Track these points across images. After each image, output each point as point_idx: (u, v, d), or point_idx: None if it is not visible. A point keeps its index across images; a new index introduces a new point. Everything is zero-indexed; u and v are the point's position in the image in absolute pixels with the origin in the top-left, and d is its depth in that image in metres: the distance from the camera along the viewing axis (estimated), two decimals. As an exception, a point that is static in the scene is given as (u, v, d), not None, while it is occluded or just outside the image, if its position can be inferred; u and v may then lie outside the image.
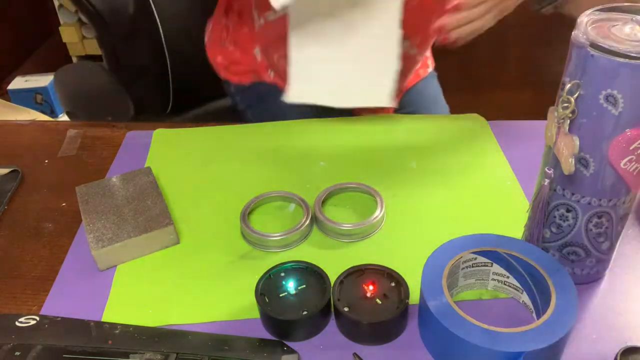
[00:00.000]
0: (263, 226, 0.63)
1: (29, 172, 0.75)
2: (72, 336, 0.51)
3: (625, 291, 0.56)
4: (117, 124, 0.84)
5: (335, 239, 0.62)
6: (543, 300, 0.50)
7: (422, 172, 0.71)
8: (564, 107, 0.46)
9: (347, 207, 0.67)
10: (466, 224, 0.64)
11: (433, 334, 0.49)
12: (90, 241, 0.59)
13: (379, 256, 0.60)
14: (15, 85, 1.96)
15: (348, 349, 0.51)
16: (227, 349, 0.50)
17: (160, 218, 0.62)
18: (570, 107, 0.46)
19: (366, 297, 0.52)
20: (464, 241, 0.54)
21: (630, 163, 0.46)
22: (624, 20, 0.45)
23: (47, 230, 0.66)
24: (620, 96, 0.43)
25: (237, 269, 0.59)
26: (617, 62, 0.42)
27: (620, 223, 0.52)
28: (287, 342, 0.51)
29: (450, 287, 0.53)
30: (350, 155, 0.75)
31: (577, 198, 0.50)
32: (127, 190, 0.66)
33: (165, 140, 0.79)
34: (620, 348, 0.49)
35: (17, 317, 0.53)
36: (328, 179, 0.70)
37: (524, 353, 0.44)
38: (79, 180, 0.69)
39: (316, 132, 0.79)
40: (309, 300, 0.52)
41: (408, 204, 0.67)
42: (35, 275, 0.60)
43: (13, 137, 0.83)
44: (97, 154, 0.78)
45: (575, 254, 0.54)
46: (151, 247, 0.61)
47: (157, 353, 0.49)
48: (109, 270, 0.60)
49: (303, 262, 0.56)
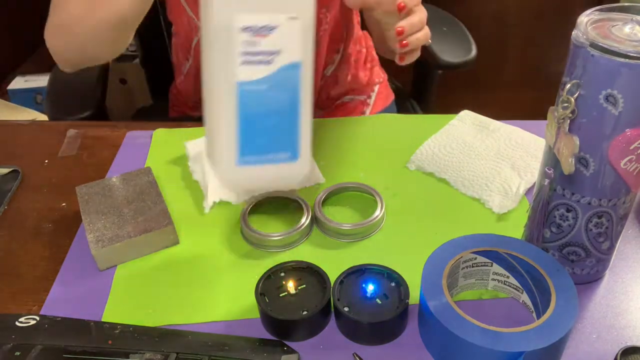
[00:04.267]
0: (263, 226, 0.63)
1: (29, 172, 0.75)
2: (72, 336, 0.51)
3: (625, 291, 0.56)
4: (117, 124, 0.84)
5: (335, 239, 0.62)
6: (543, 300, 0.50)
7: (422, 172, 0.71)
8: (564, 107, 0.46)
9: (347, 207, 0.67)
10: (466, 224, 0.64)
11: (433, 334, 0.49)
12: (90, 241, 0.59)
13: (379, 256, 0.60)
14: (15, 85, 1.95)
15: (348, 349, 0.51)
16: (227, 349, 0.50)
17: (160, 218, 0.62)
18: (570, 107, 0.46)
19: (366, 297, 0.52)
20: (464, 241, 0.54)
21: (630, 163, 0.46)
22: (624, 20, 0.45)
23: (47, 230, 0.66)
24: (620, 96, 0.43)
25: (237, 269, 0.59)
26: (617, 62, 0.42)
27: (620, 223, 0.52)
28: (287, 342, 0.51)
29: (450, 287, 0.53)
30: (350, 155, 0.75)
31: (577, 198, 0.50)
32: (127, 190, 0.66)
33: (165, 140, 0.79)
34: (620, 348, 0.49)
35: (17, 317, 0.53)
36: (328, 179, 0.70)
37: (524, 353, 0.44)
38: (79, 180, 0.69)
39: (316, 132, 0.79)
40: (309, 300, 0.52)
41: (408, 204, 0.67)
42: (35, 275, 0.60)
43: (13, 137, 0.83)
44: (97, 154, 0.78)
45: (575, 254, 0.54)
46: (151, 247, 0.61)
47: (157, 353, 0.49)
48: (109, 270, 0.60)
49: (303, 262, 0.56)
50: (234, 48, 0.45)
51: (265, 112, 0.48)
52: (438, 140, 0.75)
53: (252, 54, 0.45)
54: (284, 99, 0.48)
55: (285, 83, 0.47)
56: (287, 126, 0.49)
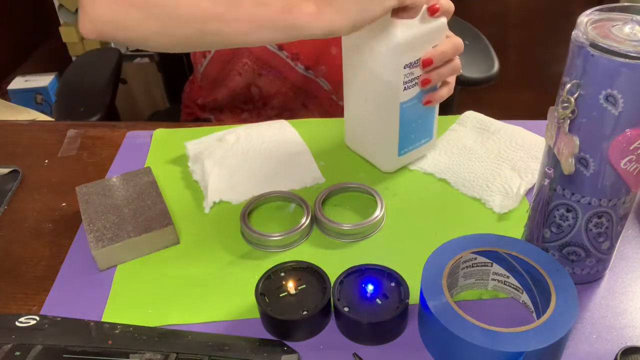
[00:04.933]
0: (263, 226, 0.63)
1: (29, 172, 0.75)
2: (72, 336, 0.51)
3: (625, 291, 0.56)
4: (117, 124, 0.84)
5: (335, 239, 0.62)
6: (543, 300, 0.50)
7: (422, 172, 0.71)
8: (564, 107, 0.46)
9: (347, 207, 0.67)
10: (466, 224, 0.64)
11: (433, 334, 0.49)
12: (90, 241, 0.59)
13: (379, 256, 0.60)
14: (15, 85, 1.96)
15: (348, 349, 0.51)
16: (227, 349, 0.50)
17: (160, 218, 0.62)
18: (570, 107, 0.46)
19: (366, 297, 0.52)
20: (464, 241, 0.54)
21: (630, 163, 0.46)
22: (624, 20, 0.45)
23: (47, 230, 0.66)
24: (620, 96, 0.43)
25: (237, 269, 0.59)
26: (617, 62, 0.42)
27: (620, 223, 0.52)
28: (287, 342, 0.51)
29: (450, 287, 0.53)
30: (351, 155, 0.75)
31: (577, 198, 0.50)
32: (127, 190, 0.66)
33: (165, 140, 0.79)
34: (620, 348, 0.49)
35: (17, 317, 0.53)
36: (328, 179, 0.70)
37: (524, 353, 0.44)
38: (79, 180, 0.69)
39: (316, 132, 0.79)
40: (309, 300, 0.52)
41: (408, 204, 0.67)
42: (35, 275, 0.60)
43: (13, 137, 0.83)
44: (97, 154, 0.78)
45: (575, 254, 0.54)
46: (151, 247, 0.61)
47: (157, 353, 0.49)
48: (109, 270, 0.60)
49: (303, 262, 0.56)
50: (399, 80, 0.61)
51: (414, 117, 0.66)
52: (438, 145, 0.75)
53: (409, 82, 0.62)
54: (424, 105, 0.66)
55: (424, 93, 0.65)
56: (427, 122, 0.69)
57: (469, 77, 1.04)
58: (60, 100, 1.03)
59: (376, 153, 0.71)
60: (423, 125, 0.69)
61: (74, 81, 1.09)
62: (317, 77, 0.87)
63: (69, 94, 1.06)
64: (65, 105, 1.02)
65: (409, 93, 0.63)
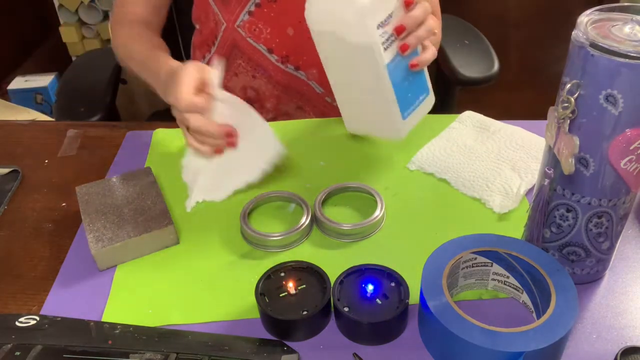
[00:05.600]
0: (263, 226, 0.63)
1: (29, 172, 0.75)
2: (72, 336, 0.51)
3: (625, 291, 0.56)
4: (117, 124, 0.84)
5: (335, 239, 0.62)
6: (543, 300, 0.50)
7: (422, 172, 0.71)
8: (564, 107, 0.46)
9: (347, 207, 0.67)
10: (466, 224, 0.64)
11: (433, 334, 0.49)
12: (90, 241, 0.59)
13: (379, 256, 0.60)
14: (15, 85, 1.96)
15: (348, 349, 0.51)
16: (227, 349, 0.50)
17: (160, 218, 0.62)
18: (570, 107, 0.46)
19: (366, 297, 0.52)
20: (464, 241, 0.54)
21: (630, 163, 0.46)
22: (624, 20, 0.45)
23: (47, 230, 0.66)
24: (620, 96, 0.43)
25: (237, 269, 0.59)
26: (617, 62, 0.42)
27: (620, 223, 0.52)
28: (287, 342, 0.51)
29: (450, 287, 0.53)
30: (350, 155, 0.75)
31: (577, 198, 0.50)
32: (127, 190, 0.66)
33: (165, 140, 0.79)
34: (620, 348, 0.49)
35: (17, 317, 0.53)
36: (328, 179, 0.70)
37: (524, 353, 0.44)
38: (79, 180, 0.69)
39: (316, 132, 0.79)
40: (309, 300, 0.52)
41: (408, 204, 0.67)
42: (35, 275, 0.60)
43: (13, 137, 0.83)
44: (97, 154, 0.78)
45: (575, 254, 0.54)
46: (151, 247, 0.61)
47: (157, 353, 0.49)
48: (109, 270, 0.60)
49: (303, 262, 0.56)
50: (377, 42, 0.59)
51: (405, 74, 0.64)
52: (439, 143, 0.75)
53: (387, 41, 0.60)
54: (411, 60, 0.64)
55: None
56: (418, 77, 0.66)
57: (469, 77, 1.03)
58: (60, 100, 1.03)
59: (382, 125, 0.68)
60: (416, 81, 0.66)
61: (74, 81, 1.09)
62: (310, 80, 0.88)
63: (69, 94, 1.06)
64: (65, 105, 1.01)
65: (390, 52, 0.61)
